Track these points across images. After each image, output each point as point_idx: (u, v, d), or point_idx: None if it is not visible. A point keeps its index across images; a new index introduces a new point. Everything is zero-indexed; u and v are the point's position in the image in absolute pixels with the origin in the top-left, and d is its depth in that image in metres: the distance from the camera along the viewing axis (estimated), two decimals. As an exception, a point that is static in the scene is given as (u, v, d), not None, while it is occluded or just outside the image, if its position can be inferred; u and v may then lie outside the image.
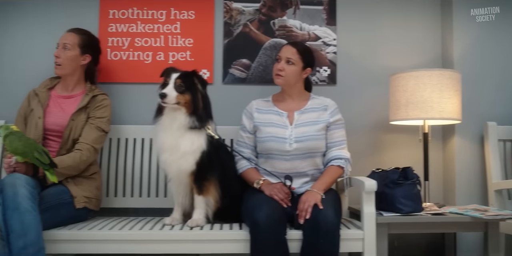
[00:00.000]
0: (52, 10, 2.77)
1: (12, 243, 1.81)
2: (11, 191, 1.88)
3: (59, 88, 2.49)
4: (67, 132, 2.33)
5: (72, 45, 2.42)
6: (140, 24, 2.77)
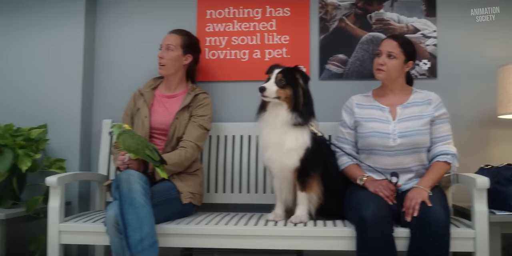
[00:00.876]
0: (153, 12, 2.88)
1: (130, 236, 1.90)
2: (126, 187, 1.98)
3: (162, 87, 2.59)
4: (172, 131, 2.42)
5: (175, 46, 2.50)
6: (236, 23, 2.81)
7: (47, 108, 2.78)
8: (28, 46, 2.85)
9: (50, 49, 2.83)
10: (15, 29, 2.87)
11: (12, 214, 2.18)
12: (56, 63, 2.81)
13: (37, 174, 2.54)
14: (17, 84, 2.83)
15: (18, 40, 2.86)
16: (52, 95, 2.79)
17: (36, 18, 2.85)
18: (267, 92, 2.15)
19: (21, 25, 2.86)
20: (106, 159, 2.70)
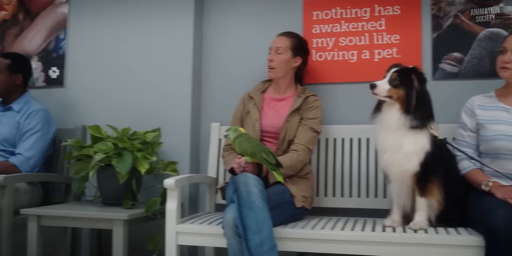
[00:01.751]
0: (258, 15, 2.89)
1: (250, 240, 1.90)
2: (245, 190, 1.99)
3: (271, 90, 2.59)
4: (283, 134, 2.41)
5: (285, 49, 2.49)
6: (344, 24, 2.76)
7: (159, 112, 2.87)
8: (141, 53, 2.96)
9: (161, 54, 2.92)
10: (129, 32, 2.99)
11: (133, 215, 2.26)
12: (167, 67, 2.90)
13: (151, 176, 2.63)
14: (131, 90, 2.95)
15: (132, 46, 2.99)
16: (163, 99, 2.88)
17: (145, 26, 2.96)
18: (378, 89, 2.09)
19: (134, 30, 2.98)
20: (215, 162, 2.74)
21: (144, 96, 2.92)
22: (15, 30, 3.21)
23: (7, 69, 2.78)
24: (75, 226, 2.44)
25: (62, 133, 2.94)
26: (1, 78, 2.77)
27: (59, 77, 3.09)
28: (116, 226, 2.23)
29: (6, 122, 2.77)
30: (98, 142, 2.46)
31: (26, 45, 3.17)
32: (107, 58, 3.02)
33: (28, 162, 2.66)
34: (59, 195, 2.90)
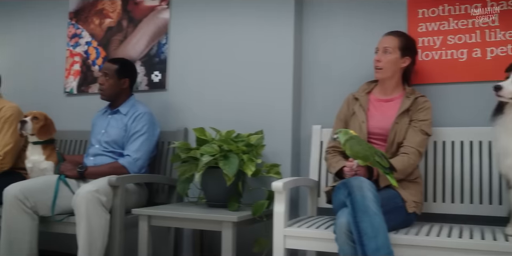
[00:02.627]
0: (359, 14, 2.82)
1: (366, 245, 1.85)
2: (359, 194, 1.93)
3: (377, 92, 2.52)
4: (392, 136, 2.33)
5: (393, 48, 2.41)
6: (452, 21, 2.63)
7: (259, 114, 2.88)
8: (242, 56, 2.99)
9: (262, 57, 2.92)
10: (229, 36, 3.02)
11: (242, 217, 2.27)
12: (268, 70, 2.90)
13: (252, 178, 2.63)
14: (232, 92, 2.98)
15: (232, 50, 3.02)
16: (264, 102, 2.88)
17: (245, 30, 2.98)
18: (503, 91, 1.96)
19: (234, 34, 3.01)
20: (317, 165, 2.70)
21: (245, 98, 2.93)
22: (119, 36, 3.34)
23: (115, 73, 2.89)
24: (184, 227, 2.48)
25: (164, 136, 3.01)
26: (110, 82, 2.89)
27: (161, 81, 3.17)
28: (225, 228, 2.25)
29: (115, 125, 2.88)
30: (204, 145, 2.49)
31: (130, 50, 3.28)
32: (208, 62, 3.06)
33: (136, 163, 2.74)
34: (163, 196, 2.97)
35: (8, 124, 3.02)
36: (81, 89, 3.46)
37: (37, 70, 3.70)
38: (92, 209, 2.38)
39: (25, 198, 2.51)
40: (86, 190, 2.40)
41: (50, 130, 2.87)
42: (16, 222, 2.52)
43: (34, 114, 2.83)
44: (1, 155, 2.96)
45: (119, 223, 2.49)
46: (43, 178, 2.70)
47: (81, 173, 2.72)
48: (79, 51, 3.49)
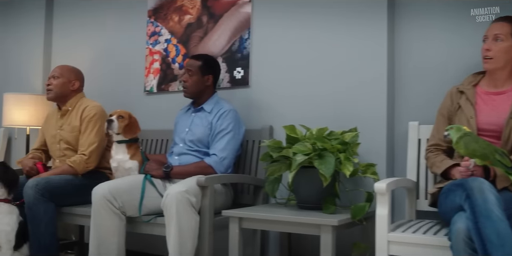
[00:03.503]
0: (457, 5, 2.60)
1: (492, 254, 1.65)
2: (480, 197, 1.74)
3: (485, 84, 2.29)
4: (507, 132, 2.10)
5: (505, 35, 2.18)
6: None
7: (350, 111, 2.71)
8: (329, 51, 2.82)
9: (355, 50, 2.75)
10: (317, 31, 2.87)
11: (342, 221, 2.12)
12: (359, 64, 2.72)
13: (347, 179, 2.47)
14: (319, 89, 2.83)
15: (319, 46, 2.86)
16: (355, 97, 2.71)
17: (333, 24, 2.81)
18: None
19: (321, 29, 2.85)
20: (415, 164, 2.51)
21: (334, 94, 2.77)
22: (200, 33, 3.27)
23: (199, 70, 2.81)
24: (278, 230, 2.36)
25: (249, 134, 2.90)
26: (194, 79, 2.81)
27: (244, 77, 3.07)
28: (324, 232, 2.10)
29: (199, 123, 2.80)
30: (296, 143, 2.36)
31: (211, 46, 3.20)
32: (294, 57, 2.92)
33: (222, 162, 2.65)
34: (248, 197, 2.87)
35: (93, 123, 3.01)
36: (161, 87, 3.42)
37: (117, 69, 3.69)
38: (182, 210, 2.30)
39: (114, 198, 2.47)
40: (176, 190, 2.32)
41: (135, 129, 2.82)
42: (105, 223, 2.48)
43: (119, 113, 2.79)
44: (87, 154, 2.95)
45: (208, 225, 2.40)
46: (130, 178, 2.65)
47: (167, 172, 2.66)
48: (158, 49, 3.45)
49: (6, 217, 2.66)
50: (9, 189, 2.72)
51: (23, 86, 4.07)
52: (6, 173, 2.73)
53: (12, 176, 2.77)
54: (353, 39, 2.75)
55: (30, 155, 3.21)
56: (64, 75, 3.13)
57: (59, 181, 2.85)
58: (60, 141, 3.10)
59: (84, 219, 2.78)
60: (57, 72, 3.13)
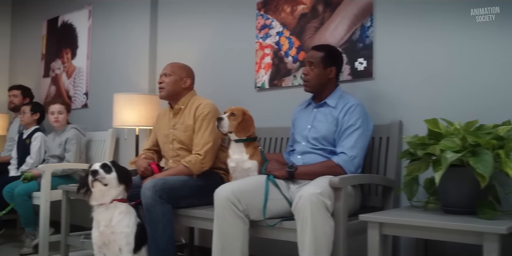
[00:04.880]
0: None
1: None
2: None
3: None
4: None
5: None
6: None
7: (504, 102, 2.37)
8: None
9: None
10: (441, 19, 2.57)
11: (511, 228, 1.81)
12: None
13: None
14: (459, 78, 2.52)
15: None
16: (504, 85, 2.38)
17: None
18: None
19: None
20: None
21: (478, 85, 2.45)
22: (315, 23, 3.05)
23: (321, 62, 2.58)
24: (425, 237, 2.06)
25: (375, 130, 2.63)
26: (315, 72, 2.59)
27: (367, 69, 2.81)
28: (488, 241, 1.79)
29: (323, 119, 2.57)
30: (442, 139, 2.07)
31: (328, 37, 2.97)
32: (425, 45, 2.62)
33: (352, 161, 2.41)
34: (376, 199, 2.61)
35: (206, 122, 2.89)
36: (274, 83, 3.23)
37: (225, 66, 3.56)
38: (318, 214, 2.08)
39: (237, 200, 2.31)
40: (309, 192, 2.11)
41: (248, 127, 2.65)
42: (229, 226, 2.33)
43: (232, 110, 2.63)
44: (202, 154, 2.83)
45: (343, 230, 2.17)
46: (252, 179, 2.48)
47: (291, 173, 2.46)
48: (269, 43, 3.27)
49: (126, 218, 2.58)
50: (126, 188, 2.64)
51: (130, 86, 4.05)
52: (123, 171, 2.65)
53: (127, 175, 2.69)
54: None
55: (142, 156, 3.15)
56: (175, 73, 3.03)
57: (175, 182, 2.75)
58: (173, 140, 3.01)
59: (200, 221, 2.66)
60: (168, 70, 3.04)
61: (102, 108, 4.36)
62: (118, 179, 2.60)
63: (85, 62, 4.61)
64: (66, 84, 4.83)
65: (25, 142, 4.33)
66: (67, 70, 4.83)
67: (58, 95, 4.87)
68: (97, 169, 2.56)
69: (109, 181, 2.57)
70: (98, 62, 4.50)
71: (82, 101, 4.62)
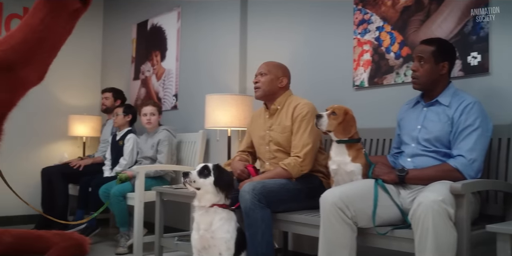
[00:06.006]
0: None
1: None
2: None
3: None
4: None
5: None
6: None
7: None
8: None
9: None
10: None
11: None
12: None
13: None
14: None
15: None
16: None
17: None
18: None
19: None
20: None
21: None
22: (420, 16, 2.83)
23: (432, 57, 2.38)
24: None
25: (494, 130, 2.38)
26: (426, 67, 2.39)
27: (482, 64, 2.56)
28: None
29: (435, 119, 2.37)
30: None
31: (435, 30, 2.75)
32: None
33: (472, 165, 2.19)
34: (495, 207, 2.37)
35: (305, 122, 2.77)
36: (374, 81, 3.05)
37: (320, 64, 3.41)
38: (440, 223, 1.90)
39: (346, 206, 2.16)
40: (430, 199, 1.92)
41: (349, 128, 2.48)
42: (336, 233, 2.19)
43: (334, 109, 2.48)
44: (301, 156, 2.71)
45: (466, 241, 1.96)
46: (359, 183, 2.33)
47: (402, 177, 2.28)
48: (368, 39, 3.09)
49: (226, 224, 2.50)
50: (226, 193, 2.56)
51: (220, 87, 4.01)
52: (222, 177, 2.58)
53: (227, 182, 2.60)
54: None
55: (237, 158, 3.08)
56: (271, 72, 2.93)
57: (274, 185, 2.66)
58: (269, 142, 2.91)
59: (301, 227, 2.54)
60: (264, 69, 2.95)
61: (192, 110, 4.36)
62: (214, 185, 2.52)
63: (174, 64, 4.63)
64: (155, 86, 4.88)
65: (118, 144, 4.41)
66: (156, 72, 4.88)
67: (148, 97, 4.93)
68: (188, 172, 2.51)
69: (201, 186, 2.52)
70: (187, 64, 4.50)
71: (171, 102, 4.64)
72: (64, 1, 1.26)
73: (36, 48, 1.29)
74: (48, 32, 1.28)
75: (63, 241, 3.09)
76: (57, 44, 1.33)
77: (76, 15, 1.35)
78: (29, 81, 1.42)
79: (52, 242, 3.06)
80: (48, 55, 1.32)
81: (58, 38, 1.32)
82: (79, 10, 1.34)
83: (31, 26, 1.27)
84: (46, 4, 1.27)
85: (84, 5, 1.34)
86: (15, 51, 1.28)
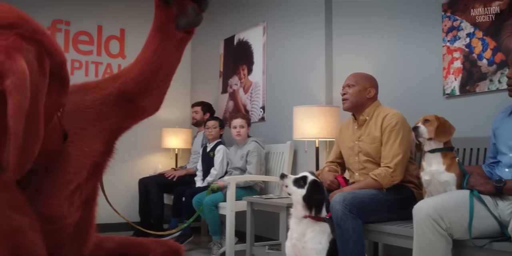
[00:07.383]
0: None
1: None
2: None
3: None
4: None
5: None
6: None
7: None
8: None
9: None
10: None
11: None
12: None
13: None
14: None
15: None
16: None
17: None
18: None
19: None
20: None
21: None
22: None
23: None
24: None
25: None
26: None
27: None
28: None
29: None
30: None
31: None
32: None
33: None
34: None
35: (395, 133, 2.76)
36: (465, 89, 2.98)
37: (408, 73, 3.38)
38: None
39: (440, 217, 2.13)
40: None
41: (448, 129, 2.42)
42: (430, 245, 2.15)
43: (424, 118, 2.46)
44: (392, 167, 2.70)
45: None
46: (454, 194, 2.29)
47: (499, 188, 2.21)
48: (458, 46, 3.02)
49: (318, 236, 2.53)
50: (312, 211, 2.54)
51: (307, 99, 4.06)
52: (313, 193, 2.51)
53: (318, 199, 2.54)
54: None
55: (326, 168, 3.11)
56: (359, 83, 2.95)
57: (364, 195, 2.66)
58: (358, 153, 2.92)
59: (393, 238, 2.53)
60: (351, 80, 2.98)
61: (279, 121, 4.44)
62: (303, 199, 2.50)
63: (261, 77, 4.75)
64: (243, 99, 5.03)
65: (209, 155, 4.59)
66: (243, 85, 5.03)
67: (236, 110, 5.09)
68: (286, 175, 2.56)
69: (292, 193, 2.54)
70: (274, 77, 4.61)
71: (259, 114, 4.76)
72: (171, 32, 1.37)
73: (152, 78, 1.39)
74: (161, 62, 1.39)
75: (160, 247, 3.26)
76: (170, 72, 1.44)
77: (183, 44, 1.45)
78: (146, 112, 1.53)
79: (150, 249, 3.22)
80: (163, 84, 1.43)
81: (170, 67, 1.42)
82: (184, 39, 1.45)
83: (146, 58, 1.38)
84: (156, 36, 1.38)
85: (188, 33, 1.45)
86: (135, 83, 1.39)
